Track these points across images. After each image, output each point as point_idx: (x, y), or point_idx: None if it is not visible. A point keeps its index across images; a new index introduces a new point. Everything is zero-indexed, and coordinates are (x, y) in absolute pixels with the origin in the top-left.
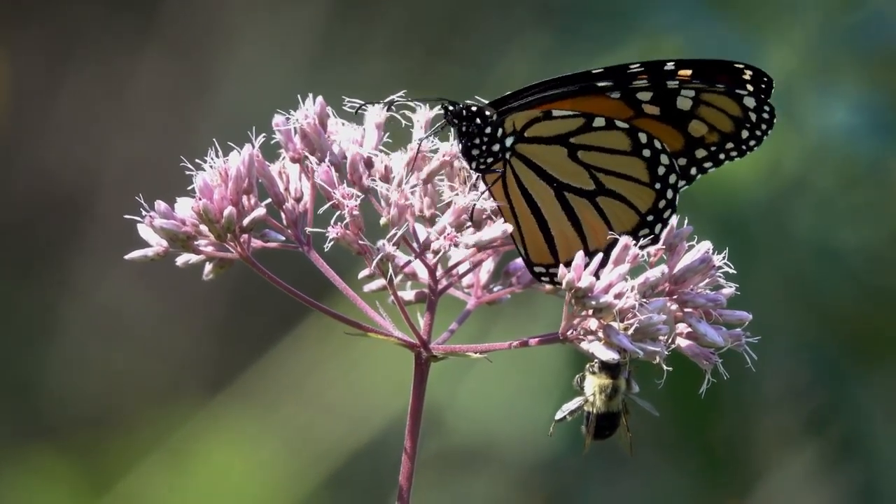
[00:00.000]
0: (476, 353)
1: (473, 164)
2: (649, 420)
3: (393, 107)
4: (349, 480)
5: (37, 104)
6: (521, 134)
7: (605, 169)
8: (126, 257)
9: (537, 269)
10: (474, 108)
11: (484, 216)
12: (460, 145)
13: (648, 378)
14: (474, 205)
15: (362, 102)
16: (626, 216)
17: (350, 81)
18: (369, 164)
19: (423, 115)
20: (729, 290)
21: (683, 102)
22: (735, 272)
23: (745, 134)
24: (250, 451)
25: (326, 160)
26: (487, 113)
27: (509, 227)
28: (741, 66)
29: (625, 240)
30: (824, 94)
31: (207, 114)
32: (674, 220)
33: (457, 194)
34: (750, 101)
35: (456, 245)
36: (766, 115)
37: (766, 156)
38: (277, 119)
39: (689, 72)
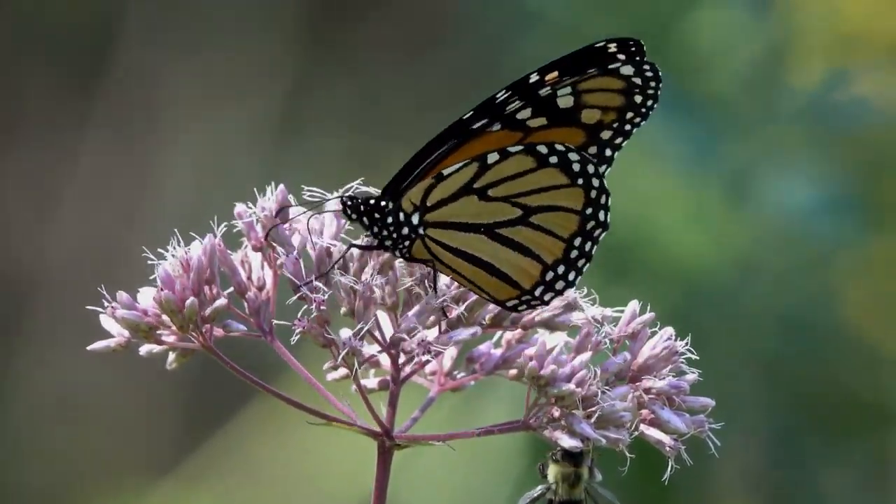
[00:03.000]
0: (440, 441)
1: (394, 253)
2: None
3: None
4: None
5: None
6: (423, 206)
7: (522, 192)
8: (88, 348)
9: (510, 304)
10: (371, 202)
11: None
12: (372, 238)
13: (611, 465)
14: (443, 306)
15: (321, 192)
16: (567, 220)
17: (294, 162)
18: (328, 254)
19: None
20: (692, 376)
21: (564, 101)
22: (697, 357)
23: (638, 98)
24: None
25: (293, 252)
26: (382, 203)
27: (477, 329)
28: (601, 43)
29: (586, 328)
30: (781, 174)
31: (153, 196)
32: (637, 306)
33: (418, 290)
34: (628, 69)
35: (429, 351)
36: (648, 73)
37: (722, 234)
38: (239, 208)
39: (555, 74)
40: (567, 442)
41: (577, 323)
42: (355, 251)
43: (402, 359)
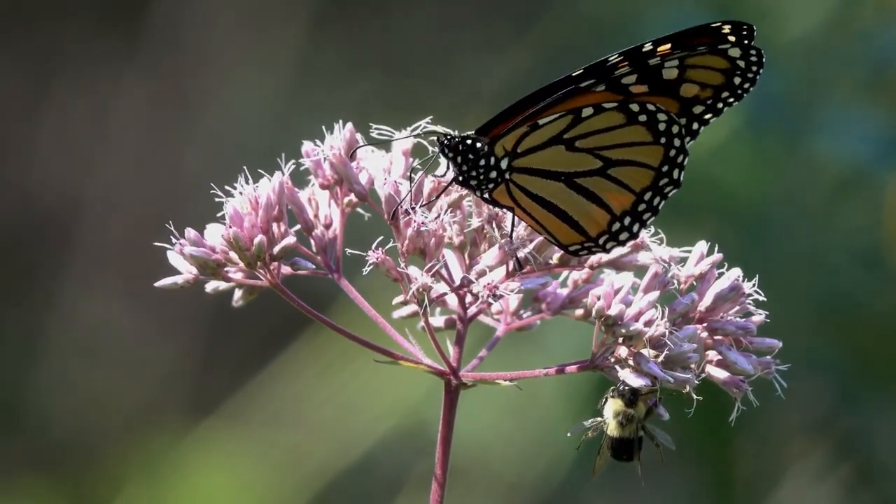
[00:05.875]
0: (506, 380)
1: (476, 193)
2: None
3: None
4: (340, 501)
5: (18, 126)
6: (514, 153)
7: (606, 146)
8: (156, 285)
9: (573, 248)
10: (468, 142)
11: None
12: (458, 176)
13: (678, 406)
14: (516, 253)
15: (389, 130)
16: (641, 175)
17: (334, 103)
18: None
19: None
20: (759, 317)
21: (669, 73)
22: (764, 299)
23: (737, 80)
24: (237, 473)
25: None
26: (478, 145)
27: (548, 279)
28: (717, 24)
29: (654, 268)
30: (829, 110)
31: (190, 136)
32: (705, 247)
33: (491, 232)
34: (735, 52)
35: (496, 296)
36: (753, 59)
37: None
38: (307, 147)
39: (667, 46)
40: (634, 381)
41: (644, 263)
42: (425, 189)
43: (468, 299)
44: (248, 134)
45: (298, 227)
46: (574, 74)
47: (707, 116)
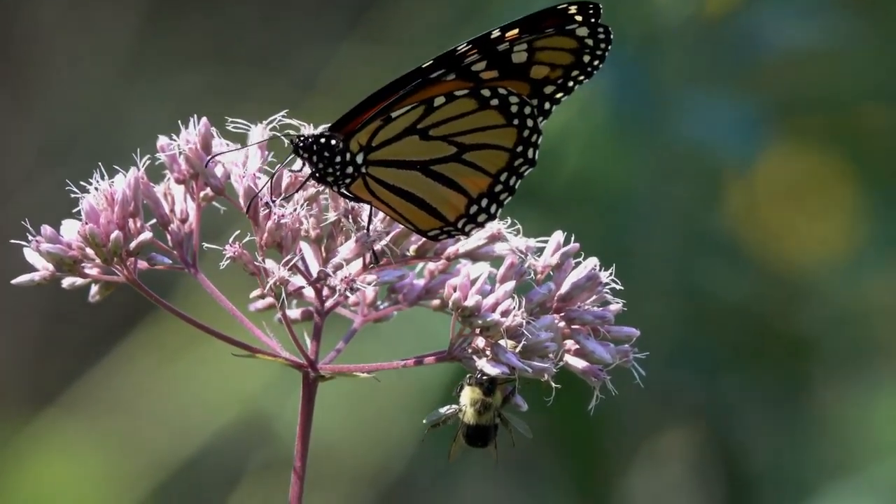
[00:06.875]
0: (364, 372)
1: (333, 188)
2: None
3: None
4: (180, 491)
5: None
6: (368, 147)
7: (460, 132)
8: (13, 282)
9: (432, 234)
10: (322, 140)
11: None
12: (314, 173)
13: (537, 396)
14: (373, 246)
15: (245, 123)
16: (496, 158)
17: (167, 93)
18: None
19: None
20: (616, 306)
21: (519, 57)
22: (621, 288)
23: (587, 59)
24: (76, 463)
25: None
26: (333, 142)
27: (404, 272)
28: (564, 5)
29: (510, 258)
30: (691, 99)
31: (23, 127)
32: (561, 237)
33: (347, 226)
34: (583, 31)
35: (353, 289)
36: (601, 36)
37: (642, 167)
38: (162, 141)
39: (515, 31)
40: (492, 370)
41: (501, 254)
42: (282, 183)
43: (325, 292)
44: (81, 124)
45: (154, 221)
46: (424, 66)
47: (558, 95)
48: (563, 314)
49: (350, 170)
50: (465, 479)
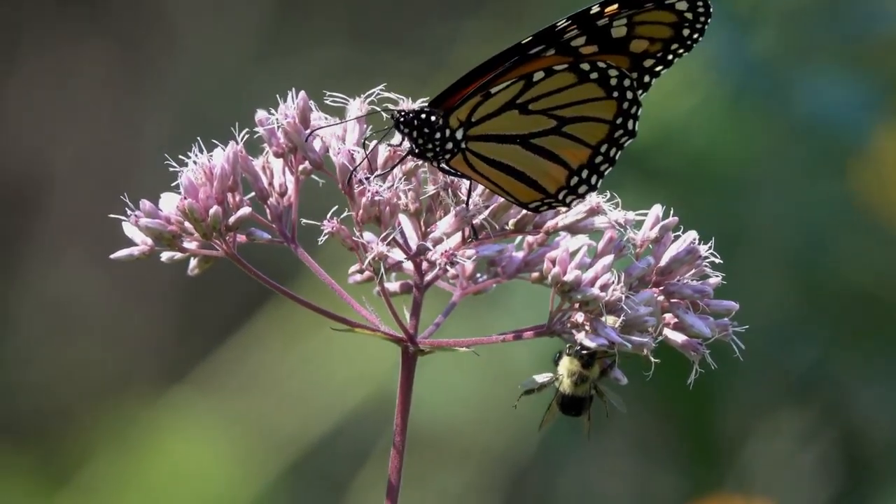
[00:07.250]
0: (464, 346)
1: (432, 163)
2: (632, 409)
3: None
4: (308, 471)
5: None
6: (468, 122)
7: (560, 105)
8: (112, 257)
9: (533, 205)
10: (422, 116)
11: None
12: (414, 149)
13: (636, 369)
14: (472, 220)
15: (343, 97)
16: (596, 130)
17: (298, 71)
18: (352, 160)
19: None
20: (715, 279)
21: (618, 31)
22: (721, 261)
23: (686, 32)
24: (208, 442)
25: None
26: (433, 118)
27: (503, 246)
28: None
29: (609, 232)
30: (808, 74)
31: (154, 105)
32: (660, 210)
33: (446, 199)
34: (682, 5)
35: (452, 263)
36: (700, 9)
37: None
38: (260, 115)
39: (615, 6)
40: (591, 343)
41: (600, 227)
42: (380, 157)
43: (425, 266)
44: (211, 103)
45: (253, 195)
46: (523, 42)
47: (658, 68)
48: (661, 288)
49: (450, 145)
50: (591, 458)
